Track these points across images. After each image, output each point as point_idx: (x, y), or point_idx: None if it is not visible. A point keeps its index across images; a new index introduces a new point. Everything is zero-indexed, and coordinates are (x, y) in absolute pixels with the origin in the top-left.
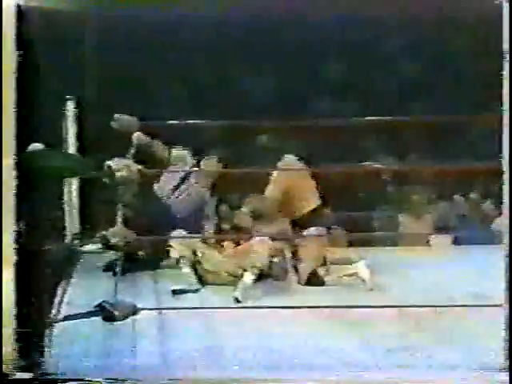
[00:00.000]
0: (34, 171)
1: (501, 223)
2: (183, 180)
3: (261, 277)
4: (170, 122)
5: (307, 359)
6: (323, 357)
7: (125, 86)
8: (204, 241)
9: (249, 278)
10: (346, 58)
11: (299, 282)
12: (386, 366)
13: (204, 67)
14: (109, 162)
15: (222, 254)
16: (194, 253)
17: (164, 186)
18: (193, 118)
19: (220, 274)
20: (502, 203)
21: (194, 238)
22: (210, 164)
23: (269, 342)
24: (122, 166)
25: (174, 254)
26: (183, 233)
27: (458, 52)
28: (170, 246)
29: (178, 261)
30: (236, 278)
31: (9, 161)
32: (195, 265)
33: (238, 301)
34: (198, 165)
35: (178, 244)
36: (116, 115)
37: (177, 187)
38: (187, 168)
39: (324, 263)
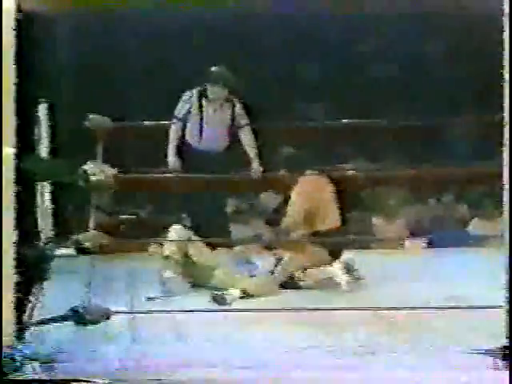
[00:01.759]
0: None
1: (474, 226)
2: (201, 117)
3: None
4: (144, 122)
5: (278, 359)
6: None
7: (99, 88)
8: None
9: None
10: (323, 58)
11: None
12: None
13: (178, 68)
14: (84, 167)
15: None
16: (186, 255)
17: (192, 133)
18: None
19: (210, 274)
20: (476, 205)
21: (183, 241)
22: (216, 91)
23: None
24: (97, 171)
25: (165, 252)
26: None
27: (434, 53)
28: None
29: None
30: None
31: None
32: (184, 266)
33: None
34: (204, 96)
35: (170, 244)
36: (90, 115)
37: (201, 127)
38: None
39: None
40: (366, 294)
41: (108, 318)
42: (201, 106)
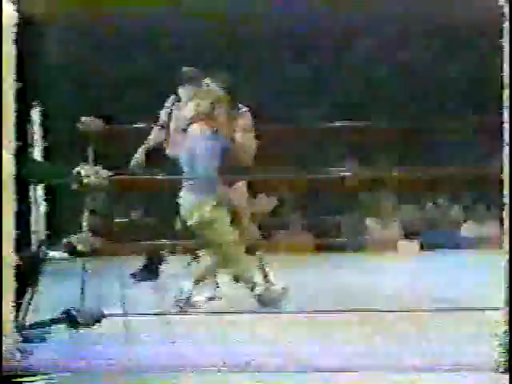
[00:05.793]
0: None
1: (467, 228)
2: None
3: None
4: (135, 125)
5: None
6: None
7: (92, 90)
8: None
9: None
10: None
11: None
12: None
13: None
14: (78, 168)
15: None
16: None
17: (178, 148)
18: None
19: None
20: (470, 208)
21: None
22: (186, 92)
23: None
24: (91, 172)
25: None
26: None
27: (429, 55)
28: None
29: None
30: None
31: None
32: None
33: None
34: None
35: None
36: (82, 118)
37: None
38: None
39: None
40: (358, 296)
41: (101, 321)
42: (171, 111)
